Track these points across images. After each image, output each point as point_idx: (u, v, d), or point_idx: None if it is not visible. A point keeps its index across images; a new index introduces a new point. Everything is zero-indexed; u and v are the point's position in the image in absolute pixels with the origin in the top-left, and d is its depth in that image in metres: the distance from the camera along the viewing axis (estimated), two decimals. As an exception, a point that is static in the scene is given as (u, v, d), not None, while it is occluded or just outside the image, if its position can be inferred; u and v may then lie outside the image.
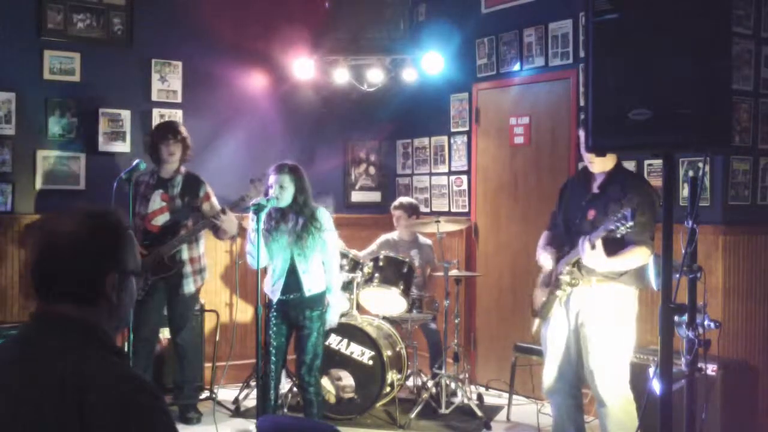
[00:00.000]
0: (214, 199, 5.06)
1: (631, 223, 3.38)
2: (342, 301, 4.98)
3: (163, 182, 4.97)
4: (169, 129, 5.02)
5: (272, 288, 4.42)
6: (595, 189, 3.91)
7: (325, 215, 4.43)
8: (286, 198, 4.32)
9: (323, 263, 4.45)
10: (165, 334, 5.28)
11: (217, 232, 4.94)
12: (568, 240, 3.93)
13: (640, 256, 3.67)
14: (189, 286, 4.97)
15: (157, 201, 4.94)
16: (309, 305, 4.37)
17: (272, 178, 4.34)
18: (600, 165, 3.85)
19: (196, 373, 5.30)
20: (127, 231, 1.74)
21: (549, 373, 4.03)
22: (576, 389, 4.04)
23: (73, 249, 1.64)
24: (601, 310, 3.79)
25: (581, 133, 3.79)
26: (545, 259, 4.03)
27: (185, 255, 4.93)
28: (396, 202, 6.09)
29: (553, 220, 4.23)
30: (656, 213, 3.76)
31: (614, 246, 3.65)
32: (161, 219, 4.92)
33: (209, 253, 6.18)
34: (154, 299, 4.90)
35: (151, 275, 4.82)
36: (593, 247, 3.59)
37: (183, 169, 5.06)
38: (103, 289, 1.67)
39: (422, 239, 6.00)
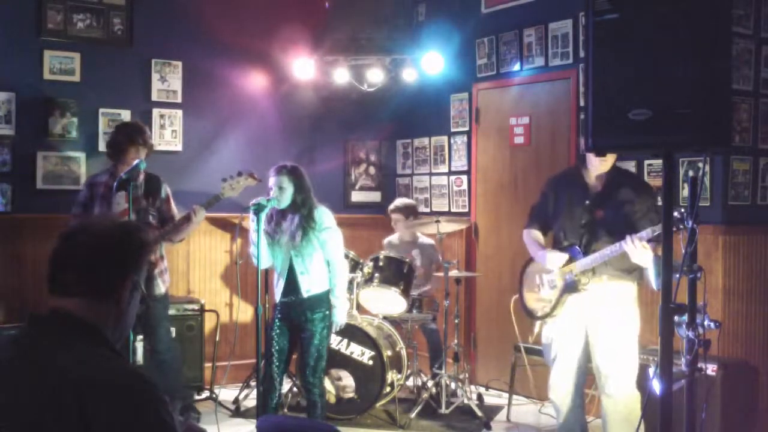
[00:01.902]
0: (172, 201, 4.98)
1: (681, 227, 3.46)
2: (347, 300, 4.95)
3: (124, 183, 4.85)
4: (139, 133, 4.83)
5: (275, 289, 4.42)
6: (596, 188, 3.91)
7: (324, 215, 4.40)
8: (286, 199, 4.32)
9: (327, 263, 4.44)
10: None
11: (177, 234, 4.84)
12: (573, 239, 3.92)
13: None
14: (159, 288, 4.82)
15: (121, 203, 4.77)
16: (309, 307, 4.34)
17: (272, 180, 4.34)
18: (606, 167, 3.88)
19: (179, 379, 5.06)
20: (149, 247, 1.85)
21: (559, 375, 3.99)
22: (582, 390, 4.04)
23: (107, 243, 1.72)
24: (610, 307, 3.83)
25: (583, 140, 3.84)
26: (555, 259, 3.94)
27: (151, 256, 4.83)
28: (392, 206, 6.02)
29: (536, 217, 4.20)
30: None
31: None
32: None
33: (209, 253, 6.20)
34: None
35: None
36: (644, 246, 3.62)
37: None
38: (120, 289, 1.73)
39: (423, 239, 6.00)
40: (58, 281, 1.70)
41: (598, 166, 3.89)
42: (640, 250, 3.62)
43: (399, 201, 6.11)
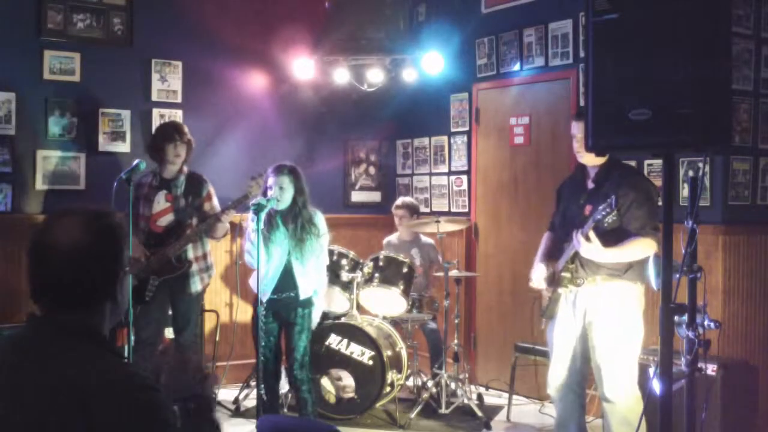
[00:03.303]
0: (215, 199, 5.03)
1: (614, 211, 3.42)
2: (337, 300, 5.03)
3: (166, 183, 4.92)
4: (175, 130, 4.94)
5: (263, 287, 4.42)
6: (590, 185, 3.93)
7: (321, 220, 4.53)
8: (286, 199, 4.34)
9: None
10: (169, 333, 5.25)
11: (213, 232, 4.90)
12: (565, 238, 3.94)
13: (643, 248, 3.65)
14: (196, 285, 4.91)
15: (161, 202, 4.89)
16: (301, 304, 4.47)
17: (271, 180, 4.35)
18: (590, 157, 3.84)
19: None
20: (123, 228, 1.74)
21: (555, 373, 4.01)
22: (580, 388, 4.03)
23: (84, 259, 1.62)
24: (607, 308, 3.77)
25: (575, 124, 3.87)
26: (535, 274, 4.08)
27: (190, 254, 4.89)
28: (398, 202, 6.08)
29: (552, 220, 4.26)
30: (656, 204, 3.77)
31: (615, 238, 3.65)
32: (165, 220, 4.88)
33: (209, 253, 6.19)
34: (157, 300, 4.84)
35: (158, 276, 4.77)
36: (587, 239, 3.60)
37: (185, 168, 5.03)
38: (114, 290, 1.68)
39: (423, 239, 6.00)
40: (48, 300, 1.64)
41: (579, 156, 3.92)
42: (582, 243, 3.61)
43: (405, 198, 6.18)
